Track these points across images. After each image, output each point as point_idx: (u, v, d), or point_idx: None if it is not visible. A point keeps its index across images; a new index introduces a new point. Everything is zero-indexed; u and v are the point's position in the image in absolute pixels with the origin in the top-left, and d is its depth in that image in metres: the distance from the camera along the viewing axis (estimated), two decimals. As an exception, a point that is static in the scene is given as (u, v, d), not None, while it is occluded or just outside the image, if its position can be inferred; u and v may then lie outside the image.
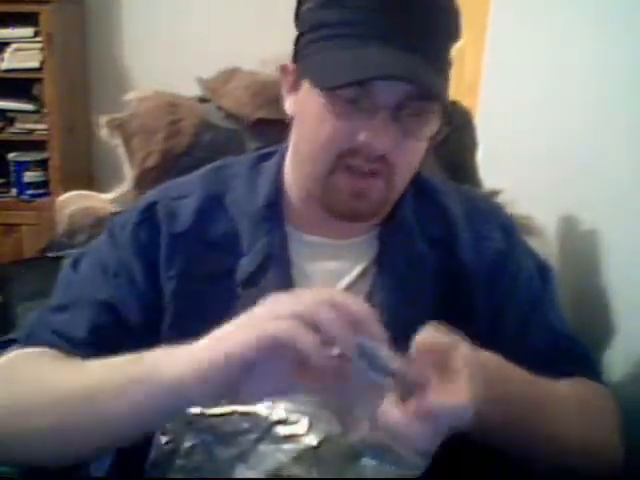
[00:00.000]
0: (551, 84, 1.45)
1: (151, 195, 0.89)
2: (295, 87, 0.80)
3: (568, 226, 1.31)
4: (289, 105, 0.82)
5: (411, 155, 0.78)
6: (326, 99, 0.74)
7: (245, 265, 0.81)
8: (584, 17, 1.32)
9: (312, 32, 0.76)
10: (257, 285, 0.80)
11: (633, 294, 1.07)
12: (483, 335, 0.77)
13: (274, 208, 0.84)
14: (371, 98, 0.72)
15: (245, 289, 0.80)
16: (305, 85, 0.77)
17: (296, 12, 0.79)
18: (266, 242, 0.82)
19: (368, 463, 0.67)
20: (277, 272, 0.81)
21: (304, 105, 0.78)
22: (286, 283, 0.80)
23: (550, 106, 1.45)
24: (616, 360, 1.03)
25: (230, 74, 1.25)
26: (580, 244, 1.26)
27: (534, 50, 1.55)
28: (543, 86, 1.50)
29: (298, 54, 0.79)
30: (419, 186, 0.88)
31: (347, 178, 0.75)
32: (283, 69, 0.82)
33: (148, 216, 0.85)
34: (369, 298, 0.81)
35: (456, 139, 1.20)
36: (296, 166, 0.84)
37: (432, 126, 0.76)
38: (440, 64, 0.75)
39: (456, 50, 0.78)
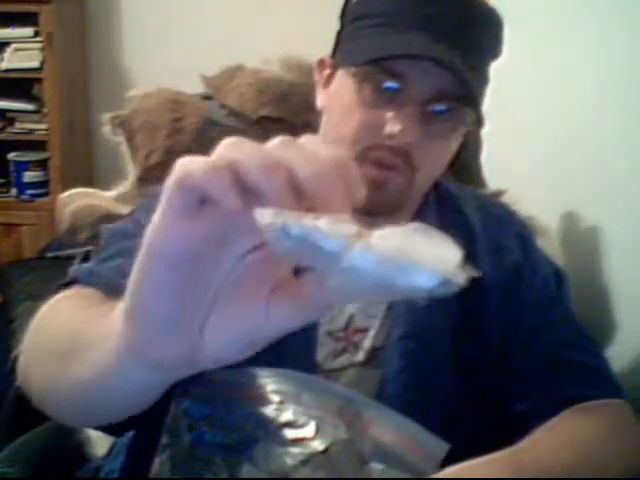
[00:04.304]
0: (551, 84, 1.46)
1: None
2: (329, 81, 0.81)
3: (569, 224, 1.31)
4: (320, 99, 0.82)
5: (436, 157, 0.78)
6: (357, 85, 0.74)
7: None
8: (584, 17, 1.33)
9: (352, 23, 0.77)
10: None
11: (634, 291, 1.07)
12: (496, 345, 0.77)
13: None
14: (403, 90, 0.73)
15: None
16: (339, 74, 0.78)
17: (344, 5, 0.80)
18: None
19: (375, 467, 0.66)
20: None
21: (335, 95, 0.79)
22: None
23: (551, 105, 1.45)
24: (617, 356, 1.02)
25: (234, 71, 1.25)
26: (581, 241, 1.26)
27: (534, 50, 1.55)
28: (544, 86, 1.50)
29: (336, 47, 0.80)
30: (441, 192, 0.87)
31: (367, 169, 0.75)
32: (320, 63, 0.83)
33: None
34: (389, 303, 0.80)
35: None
36: None
37: (461, 130, 0.76)
38: (477, 63, 0.75)
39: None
